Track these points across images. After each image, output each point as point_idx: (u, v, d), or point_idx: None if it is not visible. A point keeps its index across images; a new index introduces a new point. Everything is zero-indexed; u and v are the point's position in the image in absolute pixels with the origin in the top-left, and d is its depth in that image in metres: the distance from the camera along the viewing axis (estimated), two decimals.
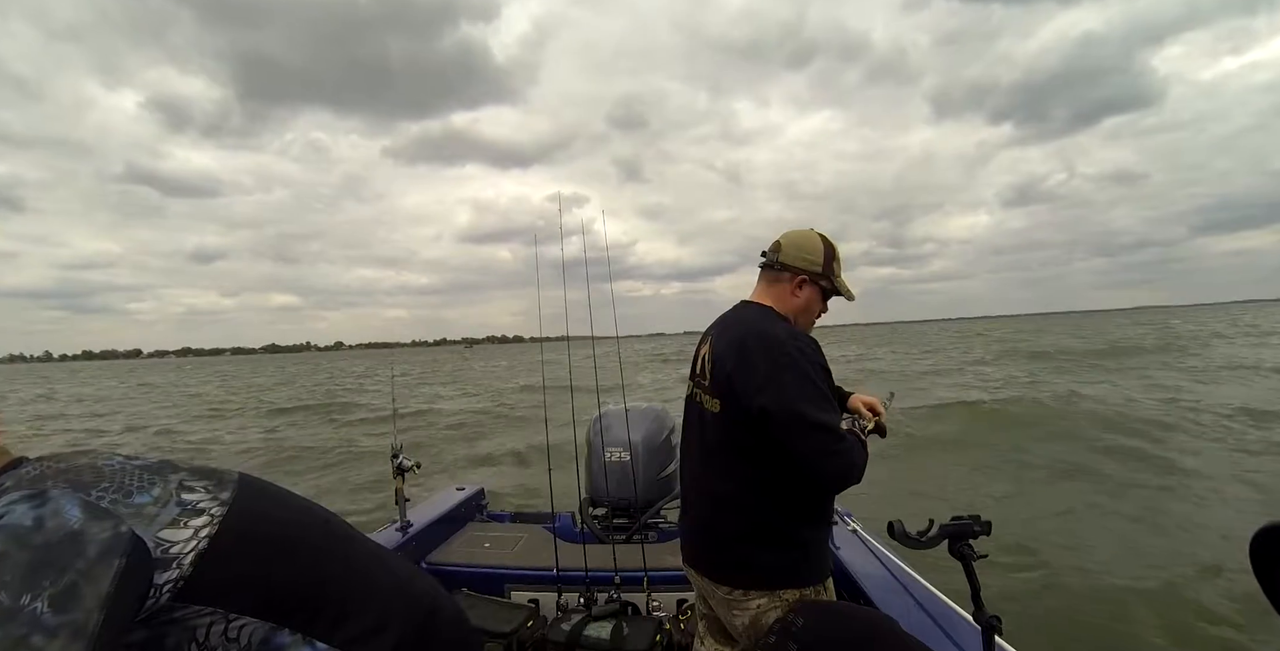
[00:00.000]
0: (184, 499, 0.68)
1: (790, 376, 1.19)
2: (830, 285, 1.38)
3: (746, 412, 1.22)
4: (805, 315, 1.39)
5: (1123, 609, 3.28)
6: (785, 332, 1.26)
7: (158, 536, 0.64)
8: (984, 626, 1.09)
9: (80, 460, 0.68)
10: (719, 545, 1.33)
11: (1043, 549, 4.00)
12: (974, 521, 1.11)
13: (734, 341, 1.28)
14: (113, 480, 0.65)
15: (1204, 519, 4.46)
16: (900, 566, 1.88)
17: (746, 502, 1.27)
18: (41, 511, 0.58)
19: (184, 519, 0.67)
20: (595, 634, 1.82)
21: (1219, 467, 5.80)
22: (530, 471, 7.09)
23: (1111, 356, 18.88)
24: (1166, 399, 9.90)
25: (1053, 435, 7.60)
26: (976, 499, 5.32)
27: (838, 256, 1.39)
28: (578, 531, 2.53)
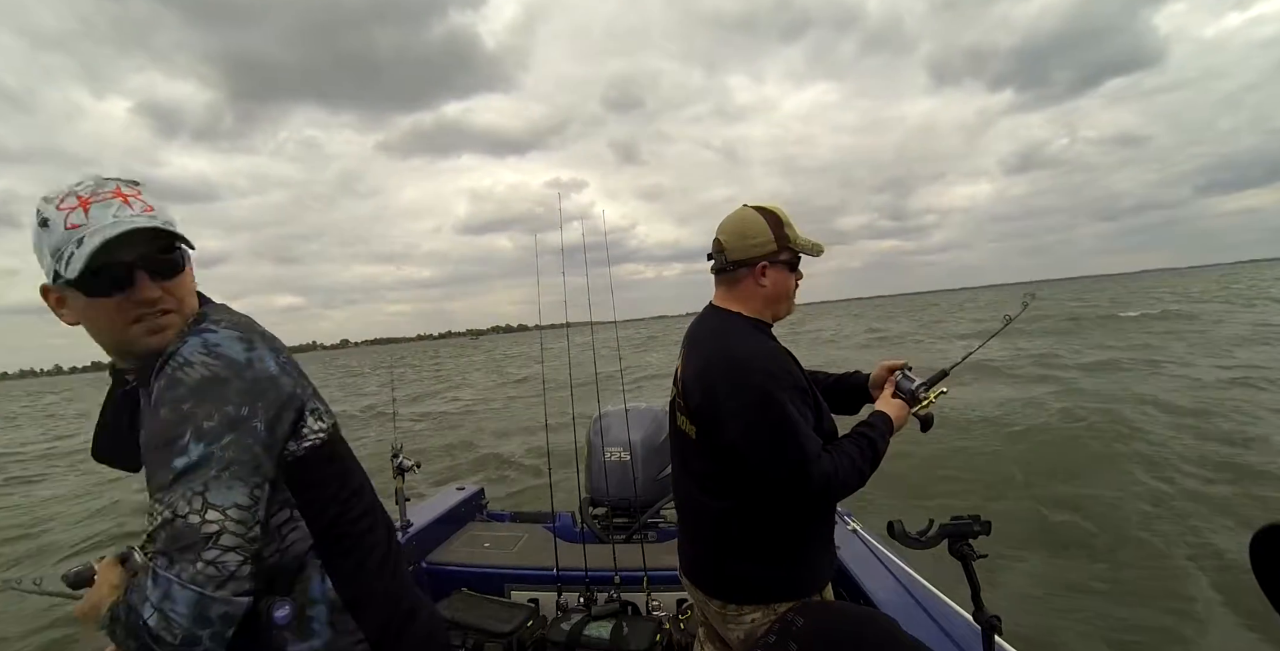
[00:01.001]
0: (316, 404, 0.80)
1: (756, 411, 1.13)
2: (793, 254, 1.28)
3: (718, 445, 1.20)
4: (780, 300, 1.30)
5: (1128, 607, 3.28)
6: (749, 353, 1.19)
7: (305, 414, 0.77)
8: (984, 626, 1.09)
9: (262, 328, 0.80)
10: (711, 560, 1.30)
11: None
12: (974, 521, 1.11)
13: (701, 369, 1.24)
14: (288, 356, 0.79)
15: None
16: (900, 566, 1.88)
17: (735, 520, 1.23)
18: (251, 354, 0.73)
19: (317, 413, 0.79)
20: (595, 633, 1.82)
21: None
22: (530, 471, 7.09)
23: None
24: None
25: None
26: (976, 499, 5.32)
27: (785, 219, 1.27)
28: (578, 531, 2.53)
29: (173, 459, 0.63)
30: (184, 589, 0.59)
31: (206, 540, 0.61)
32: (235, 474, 0.65)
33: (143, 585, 0.61)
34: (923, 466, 5.76)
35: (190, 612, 0.59)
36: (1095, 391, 8.61)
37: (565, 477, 2.55)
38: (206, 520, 0.61)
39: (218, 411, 0.66)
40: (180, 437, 0.64)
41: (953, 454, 6.28)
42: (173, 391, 0.67)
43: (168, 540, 0.61)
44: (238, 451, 0.66)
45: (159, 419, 0.67)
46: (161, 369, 0.70)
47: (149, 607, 0.59)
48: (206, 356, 0.70)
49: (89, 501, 7.54)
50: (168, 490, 0.62)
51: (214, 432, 0.65)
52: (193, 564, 0.60)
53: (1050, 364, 11.35)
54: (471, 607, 1.99)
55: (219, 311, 0.80)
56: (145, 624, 0.59)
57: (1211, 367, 9.68)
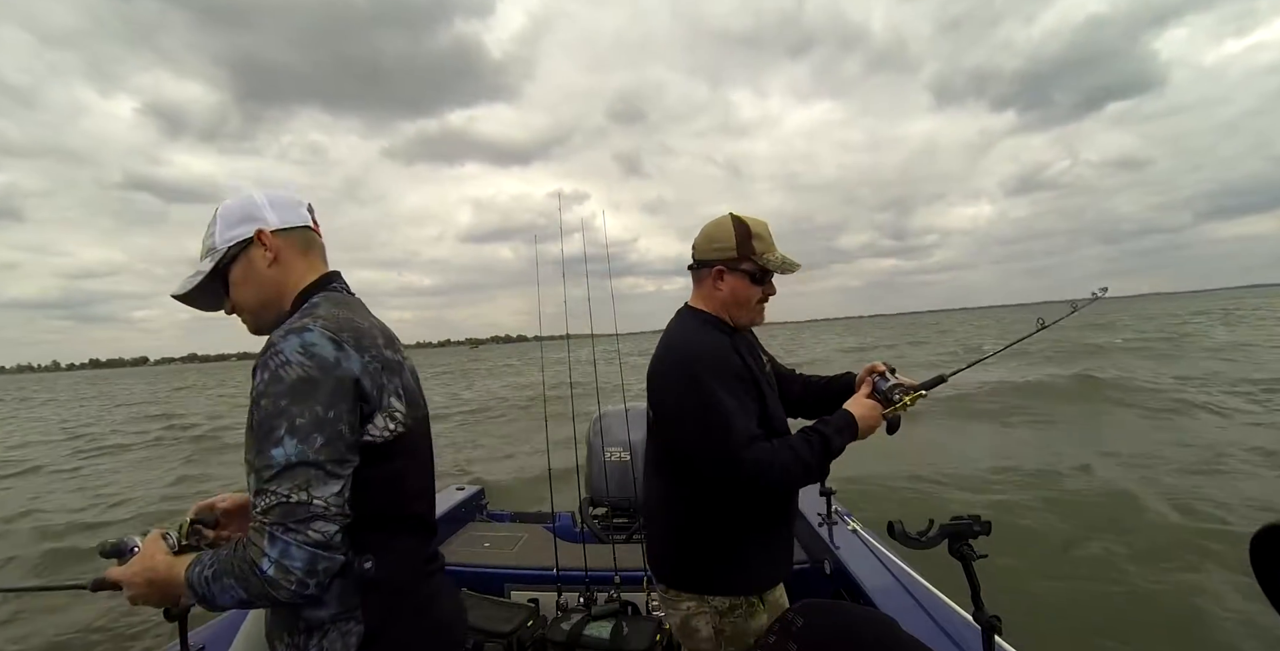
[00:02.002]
0: (391, 403, 0.90)
1: (684, 393, 1.18)
2: (755, 265, 1.27)
3: (663, 425, 1.27)
4: (738, 306, 1.31)
5: (1125, 607, 3.28)
6: (692, 342, 1.25)
7: (376, 415, 0.88)
8: (984, 626, 1.09)
9: (360, 323, 0.90)
10: (657, 543, 1.36)
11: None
12: (974, 521, 1.11)
13: (654, 356, 1.30)
14: (374, 355, 0.88)
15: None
16: (900, 566, 1.88)
17: (678, 506, 1.28)
18: (339, 354, 0.84)
19: (390, 412, 0.89)
20: (595, 633, 1.82)
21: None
22: (530, 471, 7.09)
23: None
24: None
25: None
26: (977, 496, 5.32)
27: (756, 232, 1.27)
28: (578, 531, 2.53)
29: (271, 448, 0.78)
30: (300, 548, 0.76)
31: (314, 516, 0.77)
32: (330, 471, 0.80)
33: (250, 546, 0.77)
34: (924, 466, 5.76)
35: (305, 566, 0.76)
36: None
37: (565, 478, 2.55)
38: (313, 502, 0.77)
39: (309, 411, 0.80)
40: (277, 429, 0.79)
41: (954, 453, 6.27)
42: (275, 386, 0.81)
43: (283, 514, 0.76)
44: (330, 451, 0.80)
45: (261, 408, 0.81)
46: (265, 354, 0.83)
47: (267, 561, 0.75)
48: (303, 357, 0.82)
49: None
50: (276, 480, 0.77)
51: (304, 430, 0.79)
52: (305, 531, 0.76)
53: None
54: (471, 607, 1.99)
55: (323, 305, 0.93)
56: (264, 574, 0.76)
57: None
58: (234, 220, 0.97)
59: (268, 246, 0.96)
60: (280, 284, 0.97)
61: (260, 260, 0.96)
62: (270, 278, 0.97)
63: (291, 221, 1.00)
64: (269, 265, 0.96)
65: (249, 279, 0.97)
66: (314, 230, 1.03)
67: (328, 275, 1.01)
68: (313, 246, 1.02)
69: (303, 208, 1.03)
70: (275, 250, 0.97)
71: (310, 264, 1.00)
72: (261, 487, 0.78)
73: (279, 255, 0.97)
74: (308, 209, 1.04)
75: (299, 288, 0.98)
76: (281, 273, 0.97)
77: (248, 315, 1.00)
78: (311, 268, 1.00)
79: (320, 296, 0.96)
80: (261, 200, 0.99)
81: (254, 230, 0.96)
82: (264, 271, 0.96)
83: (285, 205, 1.00)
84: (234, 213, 0.97)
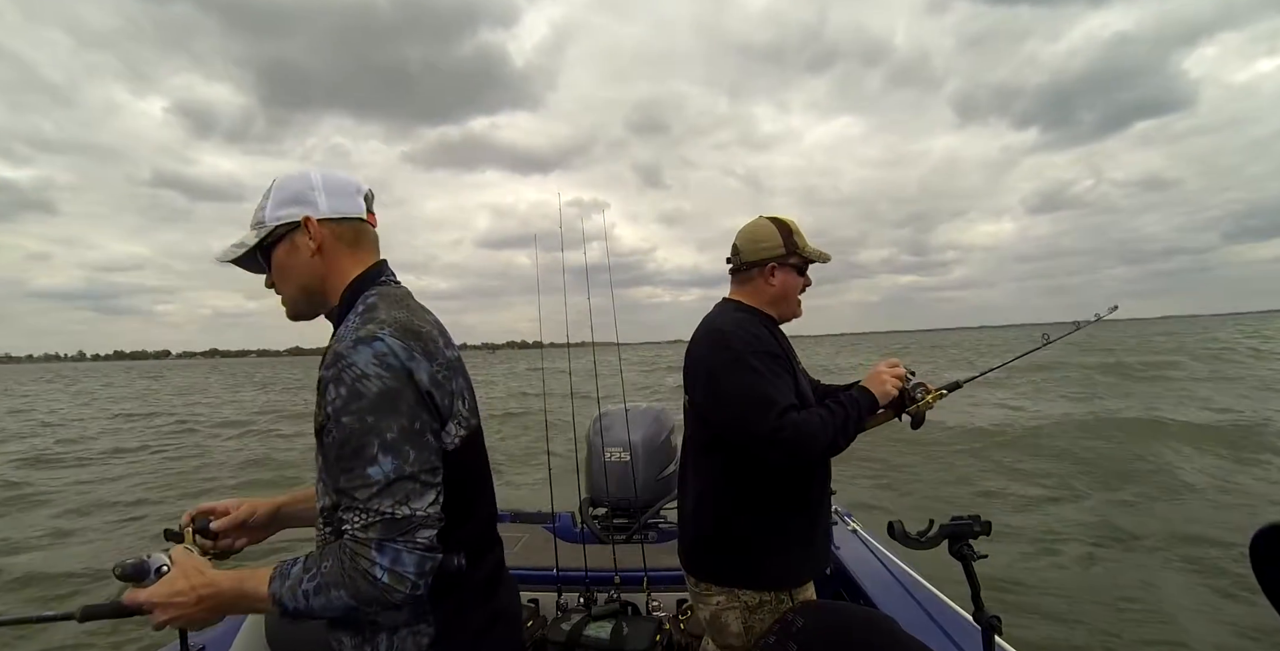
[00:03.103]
0: (458, 408, 0.90)
1: (726, 368, 1.24)
2: (801, 259, 1.39)
3: (704, 407, 1.32)
4: (786, 299, 1.41)
5: (1129, 607, 3.28)
6: (733, 324, 1.31)
7: (449, 423, 0.87)
8: (984, 626, 1.09)
9: (421, 325, 0.88)
10: (691, 536, 1.39)
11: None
12: (974, 521, 1.11)
13: (694, 339, 1.38)
14: (440, 362, 0.87)
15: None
16: (900, 566, 1.88)
17: (712, 499, 1.32)
18: (413, 365, 0.82)
19: (459, 419, 0.89)
20: (595, 634, 1.82)
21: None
22: (530, 471, 7.09)
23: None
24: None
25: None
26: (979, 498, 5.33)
27: (795, 230, 1.39)
28: (578, 531, 2.53)
29: (367, 467, 0.78)
30: (411, 554, 0.77)
31: (419, 524, 0.79)
32: (425, 482, 0.81)
33: (357, 556, 0.76)
34: (923, 465, 5.77)
35: (416, 569, 0.78)
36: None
37: (565, 478, 2.55)
38: (414, 514, 0.78)
39: (397, 424, 0.79)
40: (369, 446, 0.78)
41: (956, 453, 6.28)
42: (357, 402, 0.78)
43: (388, 529, 0.77)
44: (422, 462, 0.80)
45: (345, 425, 0.79)
46: (335, 365, 0.81)
47: (380, 569, 0.76)
48: (380, 369, 0.80)
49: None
50: (377, 498, 0.77)
51: (398, 446, 0.78)
52: (412, 538, 0.78)
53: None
54: None
55: (382, 307, 0.89)
56: (380, 581, 0.76)
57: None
58: (286, 198, 0.93)
59: (312, 235, 0.91)
60: (323, 276, 0.94)
61: (304, 248, 0.92)
62: (313, 267, 0.93)
63: (344, 211, 0.94)
64: (312, 254, 0.92)
65: (291, 264, 0.93)
66: (368, 221, 0.98)
67: (376, 266, 0.97)
68: (362, 239, 0.97)
69: (359, 196, 0.97)
70: (320, 240, 0.92)
71: (357, 258, 0.95)
72: (360, 505, 0.77)
73: (323, 246, 0.92)
74: (365, 197, 0.98)
75: (346, 280, 0.94)
76: (325, 264, 0.93)
77: (286, 298, 0.96)
78: (358, 262, 0.95)
79: (375, 293, 0.92)
80: (317, 181, 0.93)
81: (302, 215, 0.91)
82: (307, 260, 0.92)
83: (340, 191, 0.95)
84: (288, 189, 0.93)
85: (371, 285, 0.94)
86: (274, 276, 0.95)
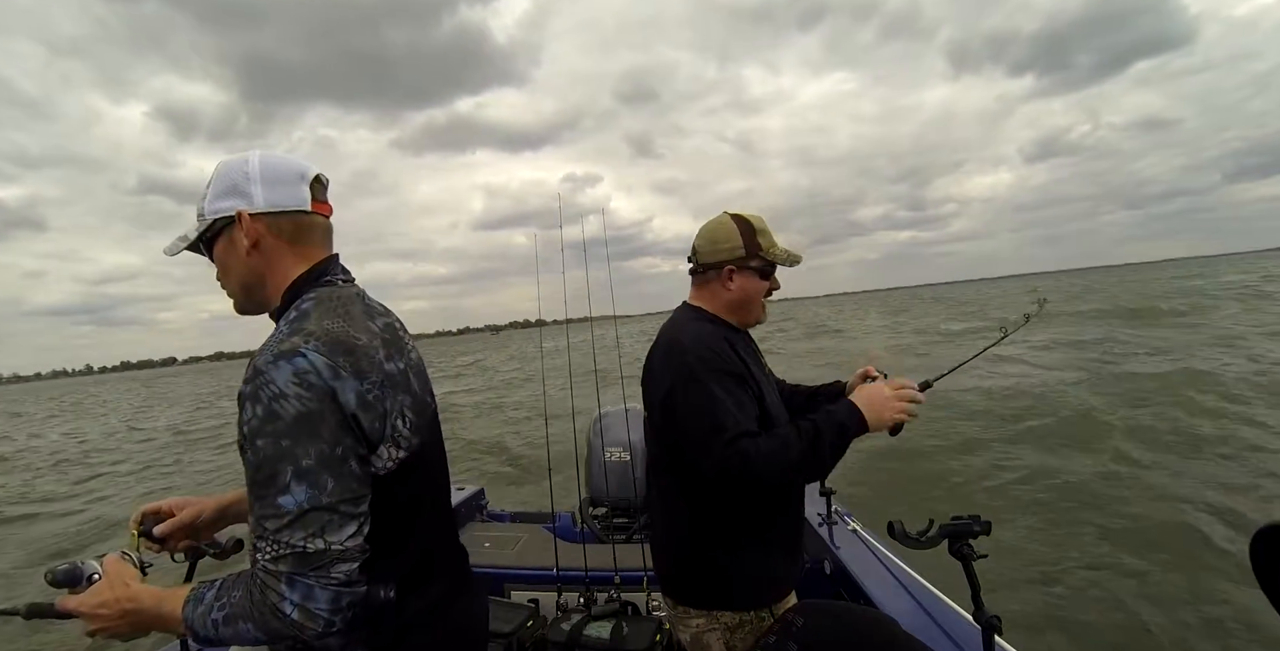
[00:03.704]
0: (394, 428, 0.82)
1: (679, 388, 1.16)
2: (763, 262, 1.28)
3: (661, 426, 1.24)
4: (747, 304, 1.31)
5: (1129, 607, 3.27)
6: (691, 338, 1.22)
7: (379, 446, 0.80)
8: (984, 626, 1.09)
9: (356, 337, 0.80)
10: (666, 555, 1.32)
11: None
12: (974, 521, 1.11)
13: (652, 352, 1.29)
14: (374, 380, 0.79)
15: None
16: (900, 566, 1.88)
17: (681, 520, 1.25)
18: (337, 384, 0.75)
19: (394, 440, 0.82)
20: (595, 633, 1.82)
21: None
22: (530, 471, 7.08)
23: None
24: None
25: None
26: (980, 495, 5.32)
27: (760, 228, 1.28)
28: (578, 531, 2.53)
29: (278, 496, 0.71)
30: (324, 590, 0.72)
31: (333, 560, 0.72)
32: (345, 512, 0.74)
33: (266, 590, 0.71)
34: (923, 466, 5.76)
35: (330, 606, 0.72)
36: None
37: (565, 478, 2.55)
38: (329, 547, 0.72)
39: (314, 449, 0.72)
40: (282, 474, 0.71)
41: (955, 451, 6.27)
42: (272, 424, 0.72)
43: (298, 563, 0.71)
44: (342, 491, 0.74)
45: (260, 448, 0.72)
46: (253, 383, 0.74)
47: (289, 605, 0.71)
48: (300, 388, 0.73)
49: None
50: (288, 530, 0.71)
51: (313, 473, 0.72)
52: (326, 573, 0.72)
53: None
54: None
55: (314, 314, 0.81)
56: (288, 617, 0.71)
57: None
58: (224, 188, 0.85)
59: (246, 231, 0.84)
60: (263, 274, 0.87)
61: (239, 244, 0.85)
62: (249, 265, 0.86)
63: (281, 203, 0.85)
64: (247, 252, 0.85)
65: (229, 262, 0.87)
66: (315, 212, 0.89)
67: (320, 265, 0.88)
68: (306, 234, 0.88)
69: (303, 184, 0.87)
70: (254, 237, 0.84)
71: (300, 254, 0.87)
72: (270, 536, 0.71)
73: (259, 243, 0.85)
74: (312, 184, 0.88)
75: (288, 280, 0.87)
76: (262, 262, 0.86)
77: (229, 294, 0.91)
78: (301, 258, 0.87)
79: (311, 298, 0.84)
80: (254, 169, 0.84)
81: (235, 209, 0.84)
82: (243, 258, 0.86)
83: (279, 180, 0.85)
84: (226, 178, 0.85)
85: (312, 286, 0.86)
86: (217, 272, 0.90)
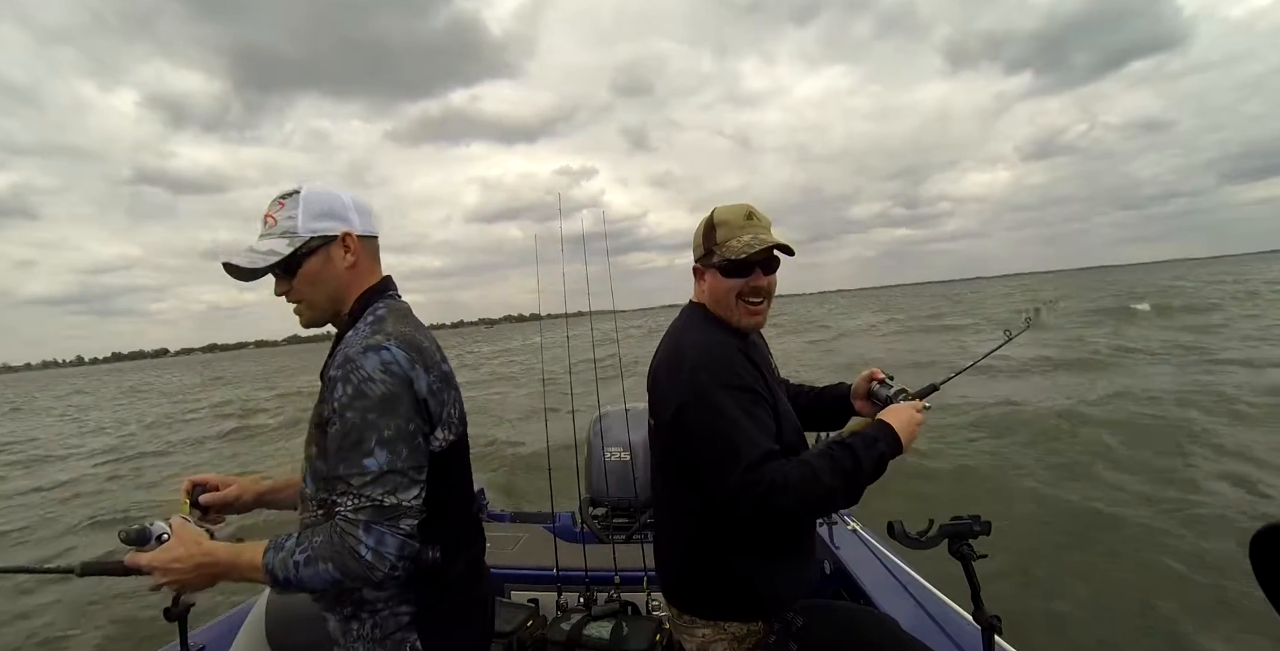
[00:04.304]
0: (449, 415, 1.00)
1: (691, 406, 1.09)
2: (724, 259, 1.18)
3: (667, 440, 1.19)
4: (721, 303, 1.22)
5: (1129, 607, 3.28)
6: (699, 348, 1.15)
7: (437, 427, 0.97)
8: (984, 626, 1.09)
9: (422, 340, 0.98)
10: (668, 566, 1.29)
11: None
12: (974, 521, 1.11)
13: (656, 360, 1.24)
14: (436, 374, 0.97)
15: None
16: (900, 566, 1.88)
17: (685, 529, 1.21)
18: (413, 374, 0.93)
19: (447, 425, 1.00)
20: (595, 633, 1.82)
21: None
22: (530, 471, 7.08)
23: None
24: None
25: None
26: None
27: (721, 219, 1.21)
28: (578, 531, 2.53)
29: (364, 458, 0.87)
30: (393, 537, 0.87)
31: (403, 513, 0.88)
32: (412, 478, 0.90)
33: (345, 535, 0.85)
34: (924, 466, 5.76)
35: (396, 552, 0.87)
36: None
37: (565, 478, 2.55)
38: (400, 504, 0.88)
39: (394, 424, 0.89)
40: (368, 441, 0.88)
41: (955, 453, 6.27)
42: (361, 401, 0.88)
43: (375, 514, 0.86)
44: (412, 460, 0.90)
45: (348, 420, 0.88)
46: (345, 367, 0.90)
47: (365, 548, 0.85)
48: (385, 374, 0.90)
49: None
50: (370, 486, 0.87)
51: (393, 443, 0.88)
52: (396, 524, 0.87)
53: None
54: None
55: (390, 319, 0.98)
56: (363, 559, 0.85)
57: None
58: (319, 211, 1.00)
59: (351, 250, 1.01)
60: (349, 286, 1.03)
61: (339, 261, 1.01)
62: (344, 279, 1.02)
63: (370, 229, 1.06)
64: (347, 268, 1.01)
65: (324, 276, 1.01)
66: (378, 239, 1.09)
67: (383, 281, 1.07)
68: (376, 253, 1.08)
69: (374, 218, 1.08)
70: (357, 255, 1.02)
71: (372, 271, 1.06)
72: (354, 491, 0.87)
73: (359, 261, 1.02)
74: (376, 217, 1.10)
75: (360, 291, 1.03)
76: (354, 277, 1.03)
77: (307, 308, 1.03)
78: (373, 274, 1.06)
79: (384, 306, 1.02)
80: (349, 201, 1.03)
81: (342, 230, 1.00)
82: (341, 272, 1.01)
83: (367, 212, 1.06)
84: (320, 203, 1.00)
85: (380, 298, 1.03)
86: (299, 284, 1.01)
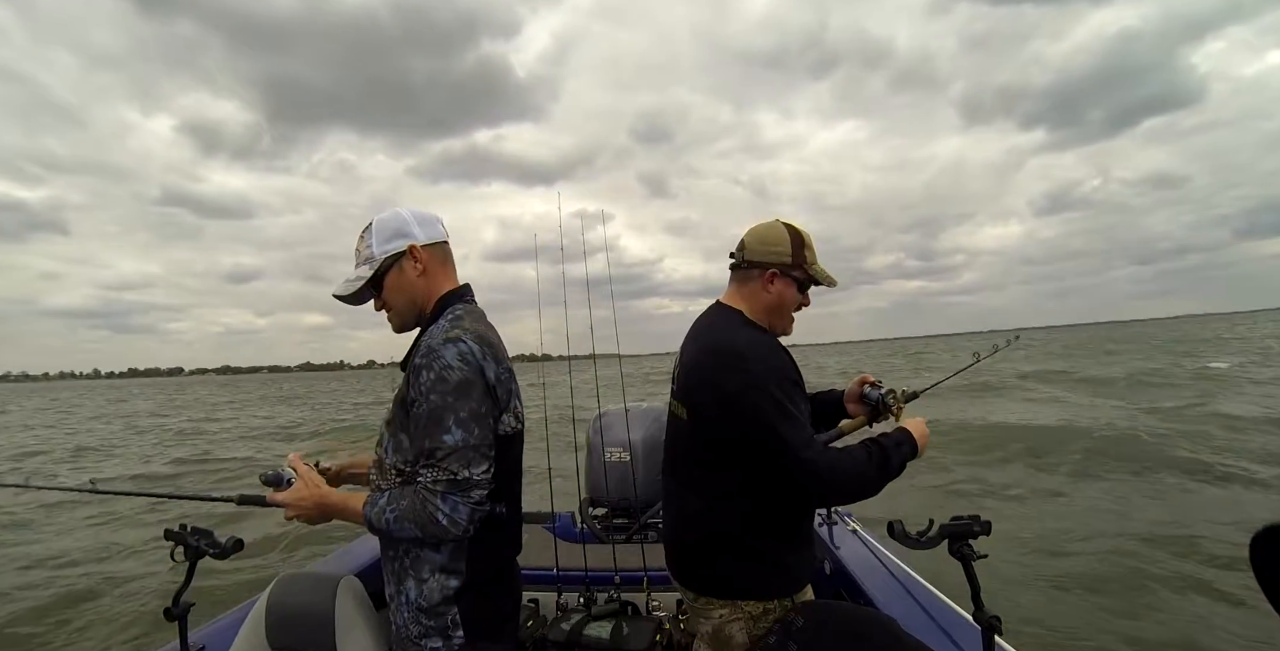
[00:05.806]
0: (515, 404, 1.16)
1: (750, 395, 1.16)
2: (805, 275, 1.31)
3: (709, 427, 1.23)
4: (779, 311, 1.33)
5: (1128, 607, 3.28)
6: (746, 343, 1.23)
7: (504, 414, 1.12)
8: (984, 626, 1.09)
9: (493, 338, 1.13)
10: (685, 551, 1.33)
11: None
12: (974, 521, 1.11)
13: (699, 353, 1.29)
14: (504, 367, 1.12)
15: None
16: (900, 566, 1.88)
17: (709, 512, 1.26)
18: (485, 364, 1.07)
19: (514, 412, 1.15)
20: (595, 633, 1.82)
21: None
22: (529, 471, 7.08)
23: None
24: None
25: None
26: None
27: (808, 243, 1.31)
28: (578, 531, 2.53)
29: (443, 434, 1.01)
30: (465, 506, 1.02)
31: (474, 485, 1.03)
32: (484, 454, 1.05)
33: (426, 502, 1.00)
34: (924, 466, 5.76)
35: (468, 518, 1.02)
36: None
37: (565, 477, 2.55)
38: (472, 477, 1.02)
39: (469, 407, 1.03)
40: (447, 419, 1.02)
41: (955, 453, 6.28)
42: (442, 385, 1.03)
43: (451, 485, 1.01)
44: (483, 438, 1.04)
45: (431, 401, 1.03)
46: (428, 356, 1.05)
47: (441, 515, 1.00)
48: (461, 363, 1.04)
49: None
50: (448, 460, 1.01)
51: (467, 423, 1.02)
52: (468, 495, 1.02)
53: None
54: None
55: (466, 318, 1.13)
56: (439, 524, 1.00)
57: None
58: (388, 235, 1.16)
59: (418, 259, 1.16)
60: (426, 290, 1.18)
61: (411, 270, 1.16)
62: (419, 285, 1.17)
63: (434, 237, 1.20)
64: (418, 275, 1.17)
65: (401, 286, 1.17)
66: (448, 243, 1.23)
67: (462, 288, 1.22)
68: (449, 257, 1.23)
69: (440, 224, 1.22)
70: (424, 263, 1.17)
71: (448, 273, 1.21)
72: (434, 464, 1.01)
73: (427, 267, 1.17)
74: (441, 223, 1.23)
75: (439, 294, 1.18)
76: (427, 281, 1.18)
77: (395, 315, 1.20)
78: (449, 277, 1.21)
79: (462, 307, 1.17)
80: (409, 217, 1.18)
81: (407, 245, 1.15)
82: (414, 280, 1.17)
83: (428, 222, 1.20)
84: (388, 227, 1.17)
85: (459, 301, 1.19)
86: (387, 298, 1.17)
